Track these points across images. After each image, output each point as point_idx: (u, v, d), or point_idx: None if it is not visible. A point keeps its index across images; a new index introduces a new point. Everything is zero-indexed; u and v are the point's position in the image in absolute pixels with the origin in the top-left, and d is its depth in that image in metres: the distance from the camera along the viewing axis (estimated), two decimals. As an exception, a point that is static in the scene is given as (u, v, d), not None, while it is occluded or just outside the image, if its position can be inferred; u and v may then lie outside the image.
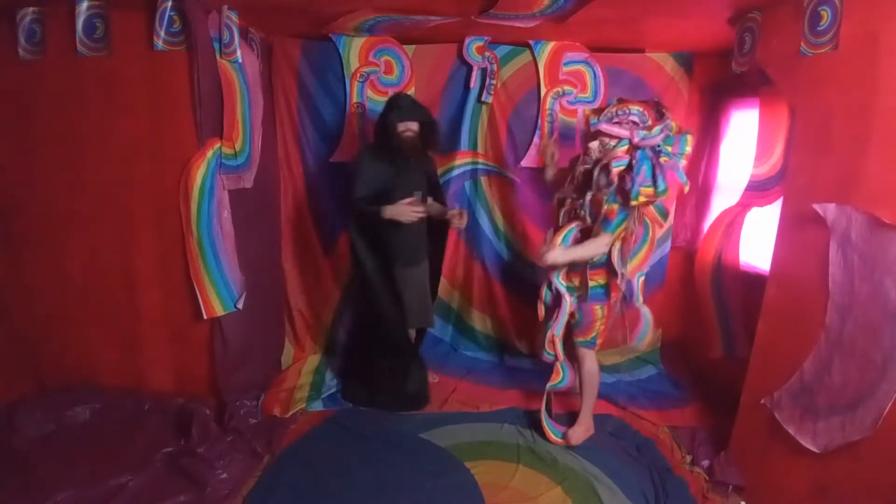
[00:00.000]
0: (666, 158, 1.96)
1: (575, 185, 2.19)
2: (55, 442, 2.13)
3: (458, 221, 2.40)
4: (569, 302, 2.19)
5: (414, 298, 2.52)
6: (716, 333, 2.62)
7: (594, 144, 2.08)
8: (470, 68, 2.80)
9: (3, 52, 2.15)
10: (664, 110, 2.05)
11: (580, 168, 2.15)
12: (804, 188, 1.78)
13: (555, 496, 1.97)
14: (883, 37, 1.48)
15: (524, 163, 2.91)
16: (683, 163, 2.02)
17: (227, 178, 2.27)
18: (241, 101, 2.33)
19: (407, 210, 2.25)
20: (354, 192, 2.31)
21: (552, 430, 2.30)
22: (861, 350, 1.54)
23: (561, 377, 2.28)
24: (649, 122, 2.00)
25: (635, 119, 2.01)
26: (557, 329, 2.23)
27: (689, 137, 2.01)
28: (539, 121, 2.84)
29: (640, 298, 2.17)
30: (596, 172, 2.06)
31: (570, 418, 2.40)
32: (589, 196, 2.09)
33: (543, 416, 2.31)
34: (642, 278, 2.19)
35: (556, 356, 2.26)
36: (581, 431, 2.27)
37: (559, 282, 2.19)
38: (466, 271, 3.14)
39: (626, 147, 1.99)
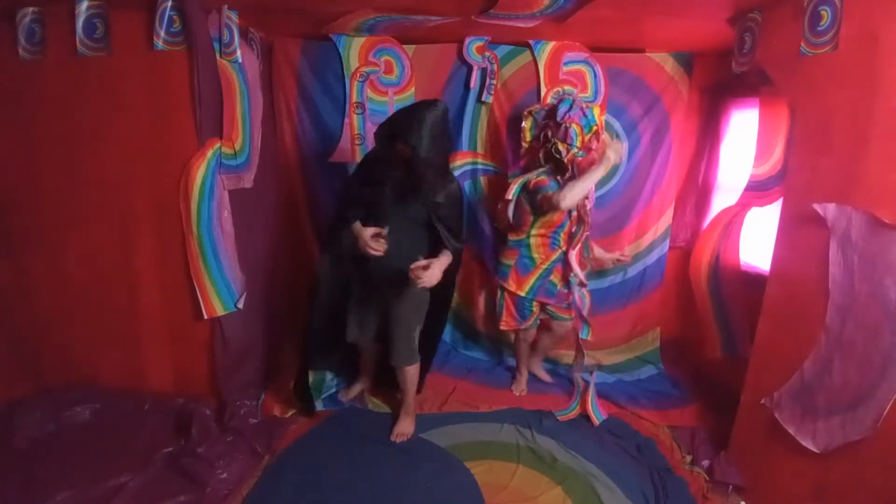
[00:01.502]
0: None
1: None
2: (55, 442, 2.13)
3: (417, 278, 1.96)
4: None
5: (356, 313, 2.32)
6: (714, 334, 2.62)
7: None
8: (470, 68, 2.80)
9: (3, 52, 2.14)
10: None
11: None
12: (804, 188, 1.78)
13: (555, 496, 1.97)
14: (883, 37, 1.48)
15: (524, 163, 2.90)
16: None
17: (227, 178, 2.27)
18: (240, 101, 2.33)
19: (364, 243, 1.97)
20: (341, 199, 2.30)
21: (598, 415, 2.47)
22: (861, 350, 1.54)
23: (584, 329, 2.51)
24: None
25: None
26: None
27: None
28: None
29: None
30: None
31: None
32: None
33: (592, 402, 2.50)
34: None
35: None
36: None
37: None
38: (466, 271, 3.14)
39: None
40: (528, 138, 2.46)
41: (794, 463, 1.78)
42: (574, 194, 2.15)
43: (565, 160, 2.26)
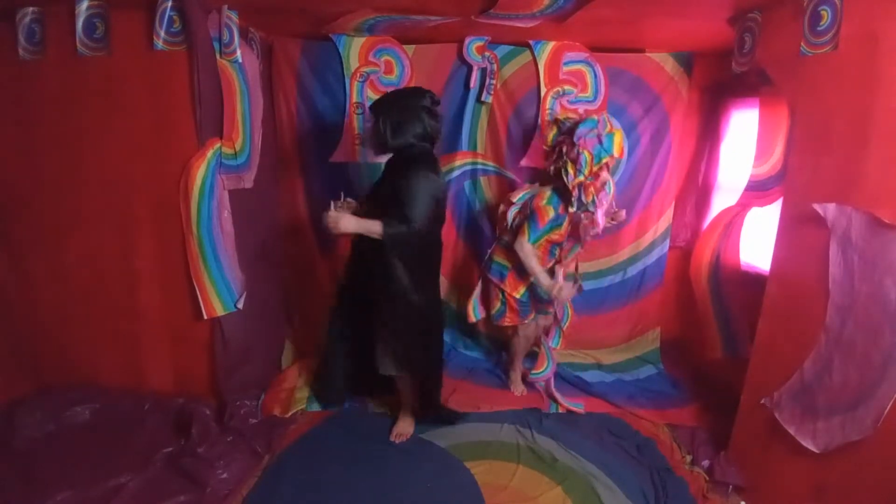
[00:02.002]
0: None
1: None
2: (55, 442, 2.13)
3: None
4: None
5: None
6: (715, 334, 2.62)
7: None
8: (470, 68, 2.80)
9: (3, 52, 2.14)
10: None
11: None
12: (804, 188, 1.78)
13: (555, 496, 1.97)
14: (883, 37, 1.48)
15: (524, 162, 2.91)
16: None
17: (227, 178, 2.27)
18: (241, 101, 2.33)
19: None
20: None
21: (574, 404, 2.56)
22: (861, 350, 1.54)
23: (547, 364, 2.57)
24: None
25: None
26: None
27: None
28: (539, 121, 2.84)
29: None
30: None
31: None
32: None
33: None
34: None
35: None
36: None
37: None
38: (468, 272, 3.15)
39: None
40: (550, 143, 2.40)
41: (794, 463, 1.78)
42: (527, 262, 2.31)
43: (570, 186, 2.23)
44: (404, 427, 2.34)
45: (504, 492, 1.99)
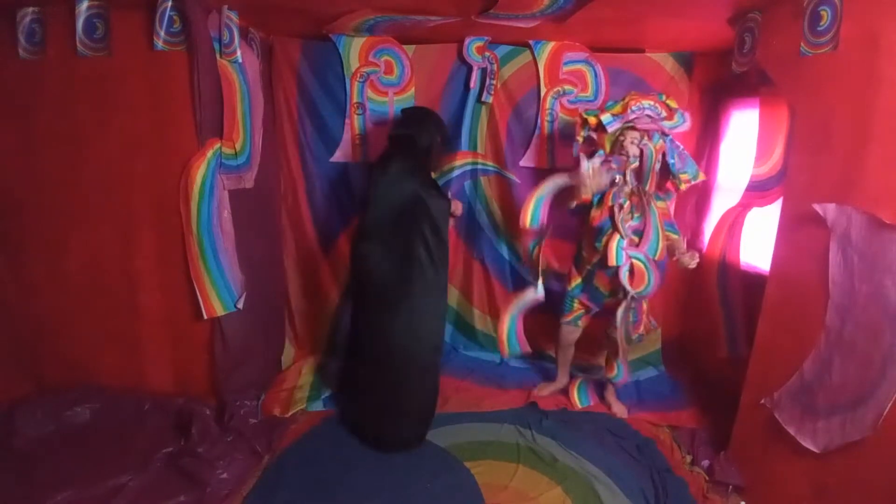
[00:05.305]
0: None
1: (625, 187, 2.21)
2: (55, 442, 2.13)
3: None
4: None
5: None
6: (721, 333, 2.62)
7: (630, 145, 2.17)
8: (470, 68, 2.80)
9: (3, 52, 2.14)
10: (670, 101, 2.21)
11: (630, 168, 2.18)
12: (804, 188, 1.78)
13: (555, 496, 1.97)
14: (883, 37, 1.48)
15: (524, 162, 2.91)
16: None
17: (227, 178, 2.27)
18: (241, 101, 2.33)
19: None
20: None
21: (583, 398, 2.59)
22: (861, 350, 1.54)
23: (617, 372, 2.45)
24: (664, 114, 2.14)
25: (650, 113, 2.14)
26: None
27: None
28: (539, 120, 2.84)
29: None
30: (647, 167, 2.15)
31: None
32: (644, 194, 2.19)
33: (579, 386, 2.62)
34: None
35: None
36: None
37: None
38: (466, 271, 3.14)
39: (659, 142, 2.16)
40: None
41: (794, 463, 1.78)
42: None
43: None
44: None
45: (504, 492, 1.99)
